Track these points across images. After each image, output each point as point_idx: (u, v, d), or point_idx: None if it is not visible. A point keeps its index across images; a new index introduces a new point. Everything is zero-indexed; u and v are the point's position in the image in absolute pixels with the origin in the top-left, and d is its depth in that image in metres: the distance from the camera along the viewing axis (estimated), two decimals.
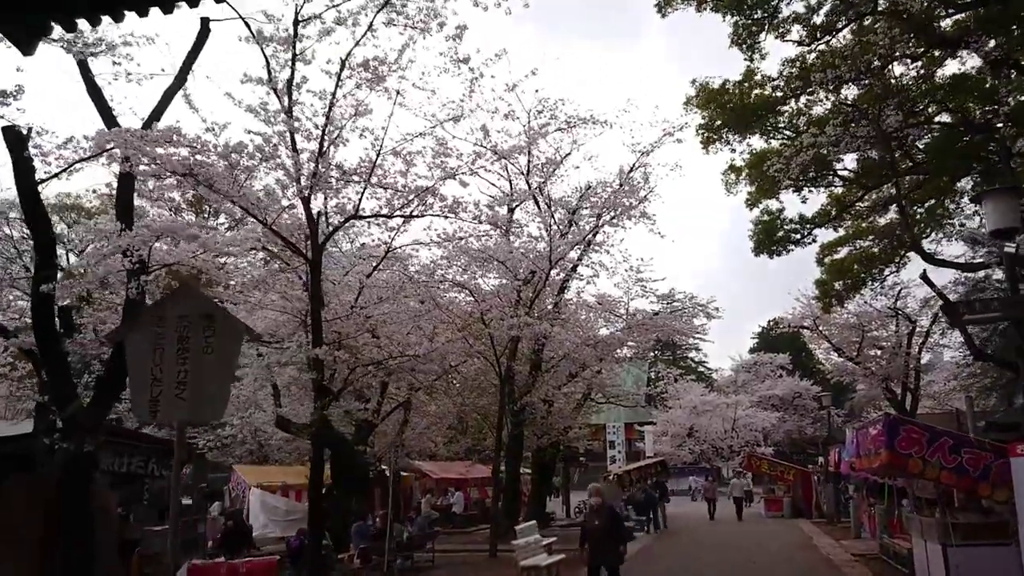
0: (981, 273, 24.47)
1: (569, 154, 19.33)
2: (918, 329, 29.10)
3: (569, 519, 29.97)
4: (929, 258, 18.83)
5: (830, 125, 19.19)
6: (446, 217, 11.41)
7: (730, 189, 25.44)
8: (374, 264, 13.70)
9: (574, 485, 35.08)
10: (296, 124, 10.01)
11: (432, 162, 10.88)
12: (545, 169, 18.60)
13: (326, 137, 10.18)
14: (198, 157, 9.02)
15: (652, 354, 74.29)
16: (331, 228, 11.27)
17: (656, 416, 52.79)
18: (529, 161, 18.50)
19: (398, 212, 11.19)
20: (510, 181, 19.67)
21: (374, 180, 10.74)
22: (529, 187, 18.67)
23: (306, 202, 10.72)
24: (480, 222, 11.61)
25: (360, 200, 10.80)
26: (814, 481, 27.94)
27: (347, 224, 11.56)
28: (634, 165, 17.68)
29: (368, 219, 11.40)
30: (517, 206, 19.97)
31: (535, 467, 25.35)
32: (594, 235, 19.91)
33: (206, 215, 22.67)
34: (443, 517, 24.54)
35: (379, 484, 25.59)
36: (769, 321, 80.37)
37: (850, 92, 21.38)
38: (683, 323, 22.82)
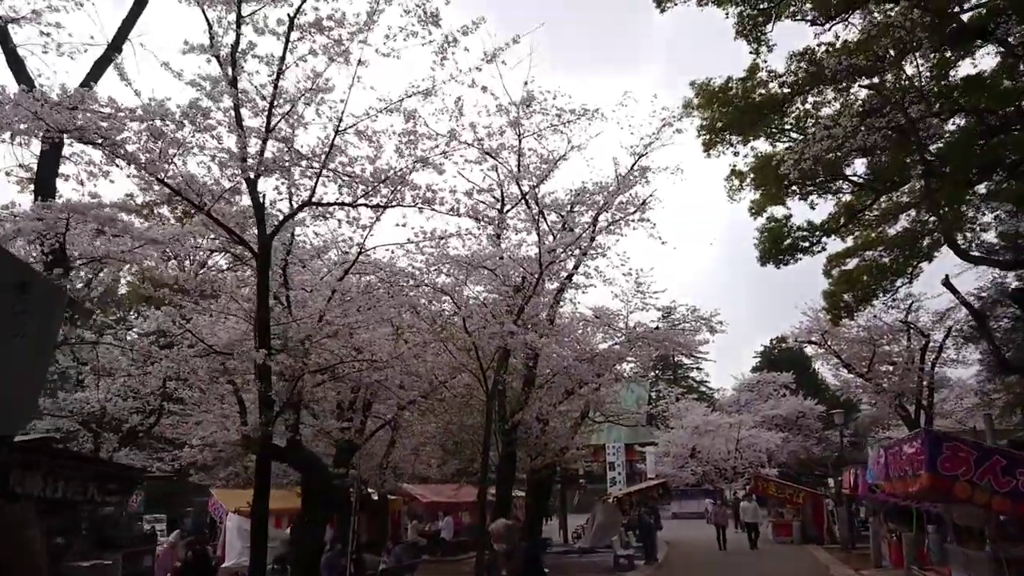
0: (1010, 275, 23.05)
1: (564, 156, 17.99)
2: (931, 344, 27.81)
3: (567, 545, 28.47)
4: (963, 254, 17.36)
5: (844, 116, 18.01)
6: (420, 210, 10.12)
7: (733, 195, 24.26)
8: (346, 268, 12.37)
9: (573, 508, 33.59)
10: (242, 97, 8.74)
11: (401, 145, 9.61)
12: (537, 171, 17.32)
13: (275, 111, 8.90)
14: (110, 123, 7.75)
15: (653, 373, 73.47)
16: (283, 217, 9.96)
17: (657, 437, 51.52)
18: (520, 162, 17.20)
19: (362, 201, 9.88)
20: (500, 186, 18.40)
21: (335, 165, 9.46)
22: (521, 191, 17.40)
23: (252, 185, 9.41)
24: (458, 214, 10.30)
25: (316, 184, 9.49)
26: (825, 504, 26.50)
27: (303, 214, 10.21)
28: (632, 166, 16.37)
29: (326, 208, 10.06)
30: (509, 211, 18.69)
31: (530, 490, 23.87)
32: (591, 239, 18.62)
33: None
34: (431, 544, 23.09)
35: (365, 509, 24.18)
36: (772, 340, 79.72)
37: (860, 94, 20.35)
38: (685, 337, 21.44)
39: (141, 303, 23.89)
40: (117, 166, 8.06)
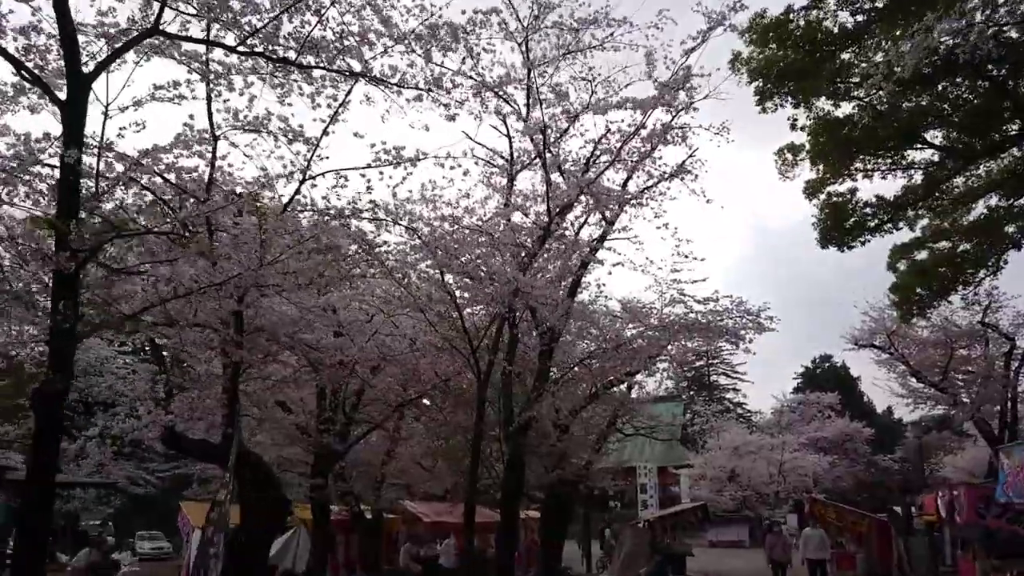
0: None
1: (586, 109, 14.61)
2: (1016, 350, 23.95)
3: (589, 574, 24.87)
4: None
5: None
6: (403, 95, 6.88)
7: (785, 173, 20.87)
8: (289, 200, 9.17)
9: (599, 534, 29.87)
10: None
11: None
12: (554, 121, 14.03)
13: None
14: None
15: (687, 394, 69.63)
16: (114, 48, 6.81)
17: (693, 459, 47.93)
18: (530, 98, 13.91)
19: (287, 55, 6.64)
20: (509, 138, 15.15)
21: None
22: (531, 138, 14.15)
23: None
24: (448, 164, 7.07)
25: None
26: (893, 533, 22.61)
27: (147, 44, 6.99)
28: (668, 81, 12.85)
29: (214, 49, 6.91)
30: (519, 172, 15.44)
31: (547, 510, 20.37)
32: (619, 207, 15.26)
33: None
34: (428, 571, 19.65)
35: (357, 529, 20.88)
36: (815, 358, 75.55)
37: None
38: (732, 328, 17.90)
39: None
40: None
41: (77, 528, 28.31)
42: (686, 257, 15.36)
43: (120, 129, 7.19)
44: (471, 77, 11.98)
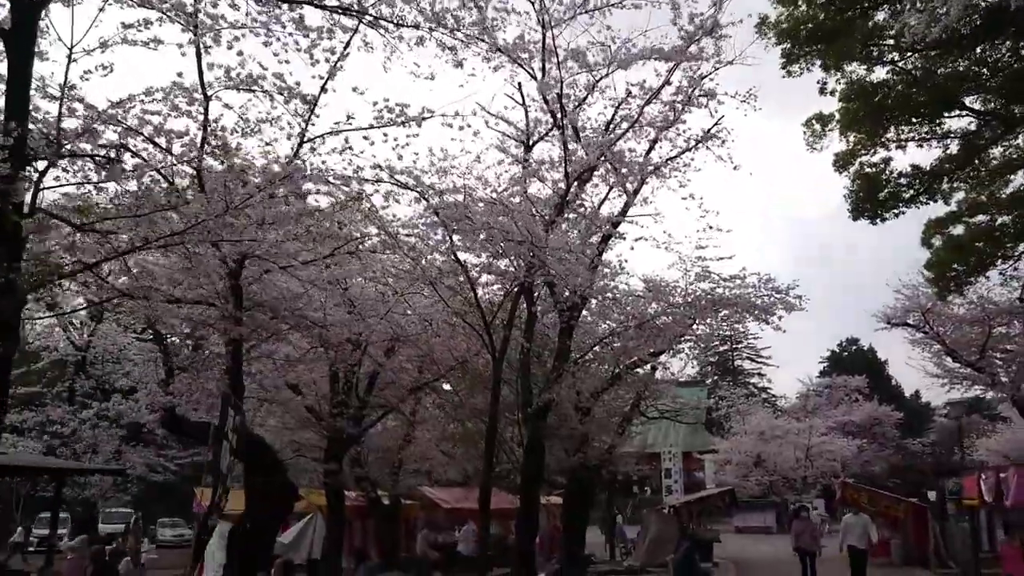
0: None
1: (607, 73, 13.87)
2: None
3: (613, 562, 24.26)
4: None
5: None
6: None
7: (814, 144, 19.98)
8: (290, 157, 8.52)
9: (627, 520, 29.23)
10: None
11: None
12: (572, 78, 13.30)
13: None
14: None
15: (712, 378, 68.69)
16: None
17: (717, 444, 47.17)
18: (545, 61, 13.17)
19: None
20: (525, 107, 14.43)
21: None
22: (547, 105, 13.42)
23: None
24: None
25: None
26: (929, 518, 21.79)
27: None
28: (695, 31, 12.04)
29: None
30: (535, 144, 14.72)
31: (569, 495, 19.76)
32: (642, 179, 14.53)
33: None
34: (446, 558, 19.13)
35: (374, 515, 20.39)
36: (841, 341, 74.16)
37: None
38: (761, 304, 17.10)
39: None
40: None
41: (94, 515, 28.22)
42: (712, 228, 14.60)
43: (85, 72, 6.57)
44: (482, 40, 11.36)
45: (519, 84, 14.01)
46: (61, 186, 6.79)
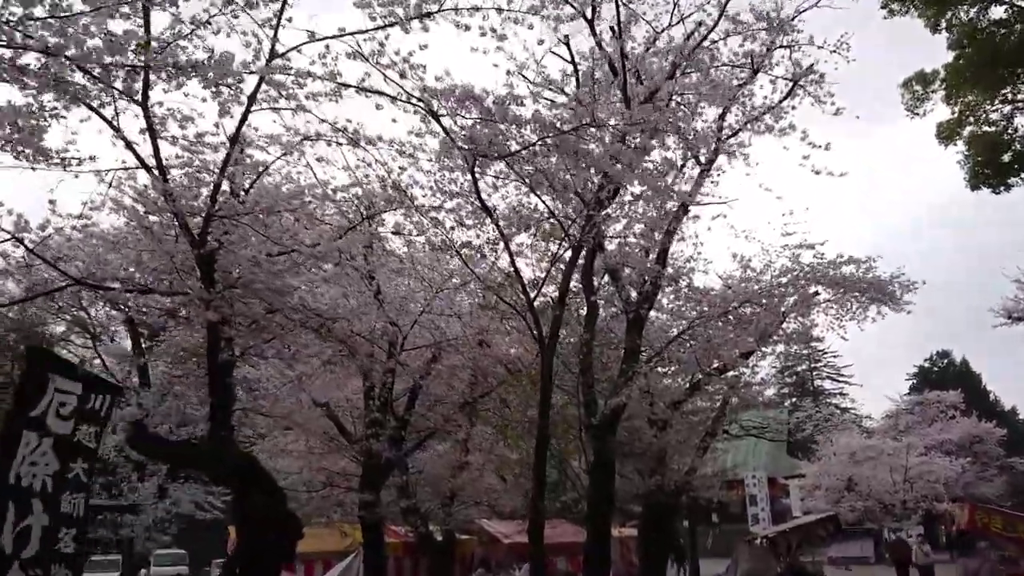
0: None
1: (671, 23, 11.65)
2: None
3: None
4: None
5: None
6: None
7: (915, 108, 17.34)
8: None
9: (707, 551, 26.22)
10: None
11: None
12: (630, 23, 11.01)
13: None
14: None
15: (791, 400, 64.70)
16: None
17: (804, 468, 43.60)
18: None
19: None
20: (575, 64, 12.21)
21: None
22: (595, 35, 11.17)
23: None
24: None
25: None
26: None
27: None
28: None
29: None
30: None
31: (645, 525, 17.05)
32: (715, 147, 12.17)
33: None
34: None
35: (425, 552, 18.07)
36: (931, 355, 69.29)
37: None
38: (883, 283, 14.15)
39: None
40: None
41: (132, 554, 26.81)
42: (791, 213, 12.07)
43: None
44: None
45: (566, 37, 11.88)
46: None
